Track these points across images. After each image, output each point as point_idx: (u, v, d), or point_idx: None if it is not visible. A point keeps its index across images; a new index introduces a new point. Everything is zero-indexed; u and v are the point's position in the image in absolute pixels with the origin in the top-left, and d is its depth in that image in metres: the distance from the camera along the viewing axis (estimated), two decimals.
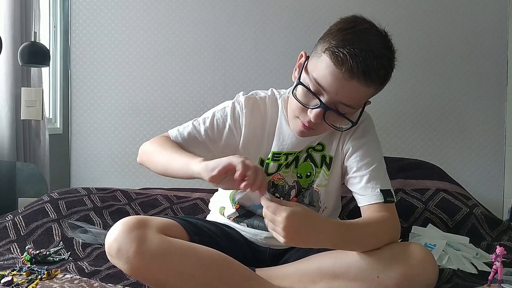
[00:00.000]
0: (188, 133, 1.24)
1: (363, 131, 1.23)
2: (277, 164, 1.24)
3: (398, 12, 2.23)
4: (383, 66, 1.05)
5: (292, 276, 1.11)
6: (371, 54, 1.02)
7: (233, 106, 1.25)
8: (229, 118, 1.24)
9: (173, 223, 1.15)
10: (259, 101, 1.25)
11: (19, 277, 1.11)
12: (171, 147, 1.18)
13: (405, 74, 2.24)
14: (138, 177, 2.25)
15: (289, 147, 1.22)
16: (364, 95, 1.09)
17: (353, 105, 1.08)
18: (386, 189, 1.16)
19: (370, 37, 1.05)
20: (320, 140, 1.24)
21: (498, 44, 2.23)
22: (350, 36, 1.04)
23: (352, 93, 1.06)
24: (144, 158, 1.25)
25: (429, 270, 1.03)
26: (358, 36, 1.04)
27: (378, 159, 1.21)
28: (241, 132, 1.23)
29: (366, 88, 1.05)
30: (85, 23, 2.24)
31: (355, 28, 1.06)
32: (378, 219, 1.11)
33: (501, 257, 1.06)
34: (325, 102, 1.07)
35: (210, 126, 1.24)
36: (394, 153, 2.20)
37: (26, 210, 1.54)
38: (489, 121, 2.25)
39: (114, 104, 2.26)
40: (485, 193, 2.22)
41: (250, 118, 1.23)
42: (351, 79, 1.03)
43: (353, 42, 1.03)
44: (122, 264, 1.01)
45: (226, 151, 1.22)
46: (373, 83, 1.05)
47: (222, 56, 2.25)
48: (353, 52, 1.01)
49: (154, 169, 1.20)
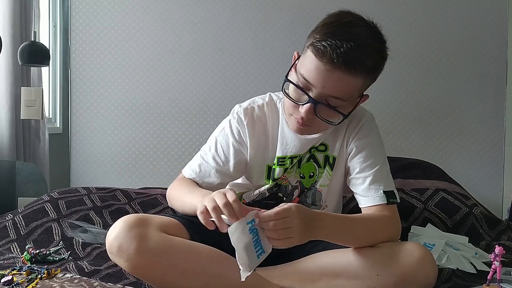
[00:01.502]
0: (199, 165, 1.27)
1: (367, 132, 1.23)
2: (283, 169, 1.24)
3: (398, 12, 2.23)
4: (369, 56, 1.05)
5: (292, 275, 1.11)
6: (353, 44, 1.02)
7: (230, 124, 1.26)
8: (231, 137, 1.25)
9: (173, 221, 1.15)
10: (258, 110, 1.26)
11: (19, 276, 1.11)
12: (184, 193, 1.21)
13: (404, 74, 2.24)
14: (138, 176, 2.25)
15: (293, 150, 1.22)
16: (353, 86, 1.08)
17: (343, 97, 1.08)
18: (389, 191, 1.16)
19: (354, 28, 1.06)
20: (323, 141, 1.24)
21: (497, 44, 2.23)
22: (333, 29, 1.06)
23: (338, 85, 1.06)
24: (172, 204, 1.29)
25: (428, 269, 1.04)
26: (340, 28, 1.05)
27: (382, 160, 1.21)
28: (247, 145, 1.24)
29: (353, 78, 1.05)
30: (85, 23, 2.24)
31: (338, 21, 1.07)
32: (374, 216, 1.13)
33: (500, 257, 1.06)
34: (314, 97, 1.07)
35: (216, 152, 1.26)
36: (393, 152, 2.20)
37: (26, 209, 1.55)
38: (488, 121, 2.26)
39: (114, 104, 2.26)
40: (484, 192, 2.22)
41: (252, 129, 1.24)
42: (334, 70, 1.04)
43: (335, 34, 1.04)
44: (122, 262, 1.01)
45: (239, 168, 1.26)
46: (359, 73, 1.05)
47: (222, 56, 2.25)
48: (334, 43, 1.03)
49: (183, 213, 1.23)
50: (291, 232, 0.95)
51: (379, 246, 1.09)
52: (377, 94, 2.25)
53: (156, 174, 2.25)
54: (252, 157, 1.25)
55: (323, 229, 1.02)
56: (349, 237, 1.07)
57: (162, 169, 2.25)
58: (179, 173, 1.33)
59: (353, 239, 1.08)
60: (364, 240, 1.08)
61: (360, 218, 1.12)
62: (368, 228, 1.10)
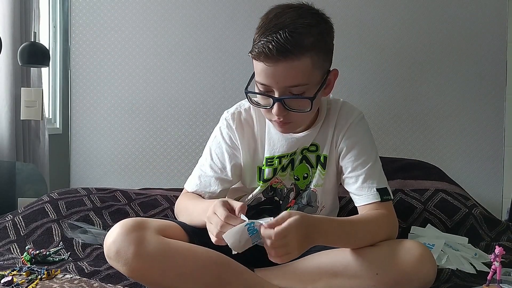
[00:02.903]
0: (199, 177, 1.28)
1: (356, 130, 1.23)
2: (272, 169, 1.24)
3: (397, 13, 2.23)
4: (302, 34, 1.05)
5: (291, 275, 1.11)
6: (283, 31, 1.04)
7: (221, 131, 1.28)
8: (223, 144, 1.27)
9: (172, 224, 1.15)
10: (245, 113, 1.28)
11: (19, 277, 1.11)
12: (190, 208, 1.23)
13: (403, 74, 2.24)
14: (137, 177, 2.25)
15: (280, 150, 1.23)
16: (304, 68, 1.07)
17: (302, 82, 1.08)
18: (382, 188, 1.17)
19: (281, 18, 1.07)
20: (314, 141, 1.24)
21: (497, 45, 2.23)
22: (262, 29, 1.08)
23: (289, 74, 1.07)
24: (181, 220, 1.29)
25: (427, 267, 1.04)
26: (268, 24, 1.07)
27: (373, 157, 1.21)
28: (239, 148, 1.26)
29: (298, 61, 1.06)
30: (85, 23, 2.24)
31: (266, 19, 1.10)
32: (372, 216, 1.13)
33: (500, 257, 1.06)
34: (278, 95, 1.09)
35: (212, 161, 1.27)
36: (393, 153, 2.20)
37: (26, 210, 1.55)
38: (488, 122, 2.25)
39: (114, 104, 2.26)
40: (484, 193, 2.22)
41: (242, 132, 1.26)
42: (276, 63, 1.05)
43: (265, 32, 1.06)
44: (121, 266, 1.01)
45: (236, 172, 1.27)
46: (301, 54, 1.05)
47: (222, 57, 2.25)
48: (265, 40, 1.05)
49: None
50: (290, 249, 0.96)
51: (378, 245, 1.09)
52: (376, 95, 2.27)
53: (156, 174, 2.25)
54: (245, 160, 1.26)
55: (323, 236, 1.03)
56: (349, 240, 1.08)
57: (162, 170, 2.25)
58: (179, 175, 1.34)
59: (353, 242, 1.08)
60: (364, 241, 1.08)
61: (359, 220, 1.12)
62: (367, 230, 1.10)
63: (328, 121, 1.24)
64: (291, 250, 0.96)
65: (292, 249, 0.96)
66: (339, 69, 1.18)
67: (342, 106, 1.26)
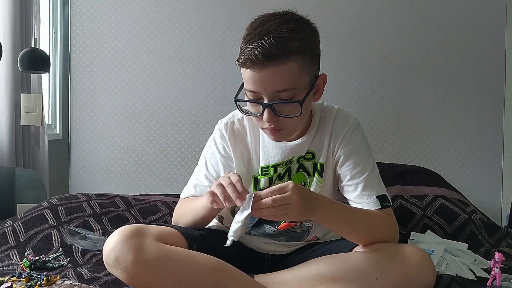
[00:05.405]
0: (194, 186, 1.29)
1: (353, 138, 1.23)
2: (267, 178, 1.24)
3: (396, 20, 2.24)
4: (286, 39, 1.06)
5: (291, 281, 1.11)
6: (267, 37, 1.05)
7: (215, 141, 1.29)
8: (217, 154, 1.27)
9: (171, 230, 1.15)
10: (238, 123, 1.28)
11: (18, 283, 1.11)
12: (190, 204, 1.25)
13: (403, 80, 2.25)
14: (137, 183, 2.25)
15: (275, 158, 1.23)
16: (290, 72, 1.08)
17: (290, 87, 1.09)
18: (382, 195, 1.17)
19: (265, 25, 1.08)
20: (309, 149, 1.24)
21: (495, 51, 2.24)
22: (248, 37, 1.09)
23: (276, 79, 1.08)
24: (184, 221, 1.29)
25: (427, 271, 1.04)
26: (253, 32, 1.08)
27: (371, 165, 1.21)
28: (232, 158, 1.26)
29: (284, 66, 1.07)
30: (85, 29, 2.25)
31: (251, 27, 1.11)
32: (373, 212, 1.15)
33: (499, 263, 1.06)
34: (267, 101, 1.10)
35: (207, 171, 1.28)
36: (392, 159, 2.21)
37: (25, 216, 1.54)
38: (487, 128, 2.26)
39: (113, 110, 2.26)
40: (484, 199, 2.22)
41: (234, 142, 1.26)
42: (262, 69, 1.06)
43: (250, 40, 1.08)
44: (120, 273, 1.01)
45: None
46: (286, 58, 1.06)
47: (221, 63, 2.26)
48: (251, 47, 1.06)
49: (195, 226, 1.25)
50: (290, 208, 0.98)
51: (377, 249, 1.09)
52: (376, 101, 2.28)
53: (156, 180, 2.25)
54: (239, 169, 1.25)
55: (321, 209, 1.05)
56: (346, 226, 1.10)
57: (162, 176, 2.25)
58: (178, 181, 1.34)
59: (349, 228, 1.10)
60: (360, 232, 1.10)
61: (360, 210, 1.15)
62: (365, 219, 1.12)
63: (324, 129, 1.24)
64: (292, 209, 0.98)
65: (293, 208, 0.98)
66: (338, 76, 1.19)
67: (337, 113, 1.25)
